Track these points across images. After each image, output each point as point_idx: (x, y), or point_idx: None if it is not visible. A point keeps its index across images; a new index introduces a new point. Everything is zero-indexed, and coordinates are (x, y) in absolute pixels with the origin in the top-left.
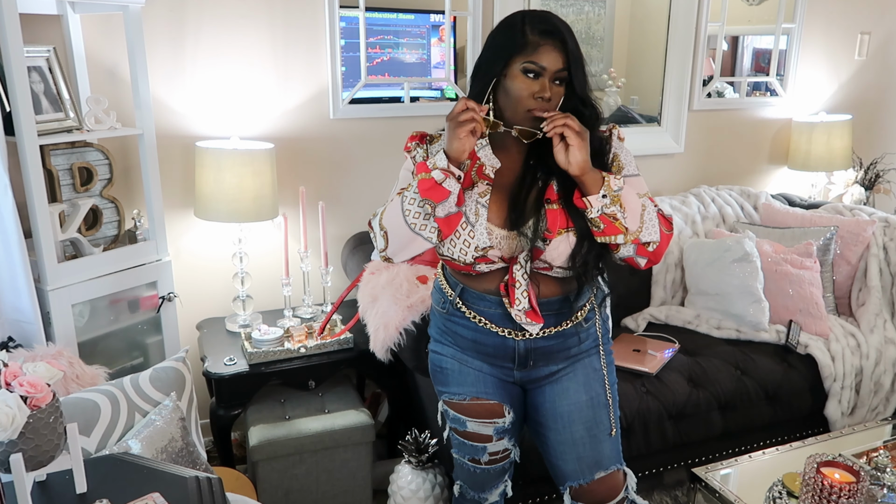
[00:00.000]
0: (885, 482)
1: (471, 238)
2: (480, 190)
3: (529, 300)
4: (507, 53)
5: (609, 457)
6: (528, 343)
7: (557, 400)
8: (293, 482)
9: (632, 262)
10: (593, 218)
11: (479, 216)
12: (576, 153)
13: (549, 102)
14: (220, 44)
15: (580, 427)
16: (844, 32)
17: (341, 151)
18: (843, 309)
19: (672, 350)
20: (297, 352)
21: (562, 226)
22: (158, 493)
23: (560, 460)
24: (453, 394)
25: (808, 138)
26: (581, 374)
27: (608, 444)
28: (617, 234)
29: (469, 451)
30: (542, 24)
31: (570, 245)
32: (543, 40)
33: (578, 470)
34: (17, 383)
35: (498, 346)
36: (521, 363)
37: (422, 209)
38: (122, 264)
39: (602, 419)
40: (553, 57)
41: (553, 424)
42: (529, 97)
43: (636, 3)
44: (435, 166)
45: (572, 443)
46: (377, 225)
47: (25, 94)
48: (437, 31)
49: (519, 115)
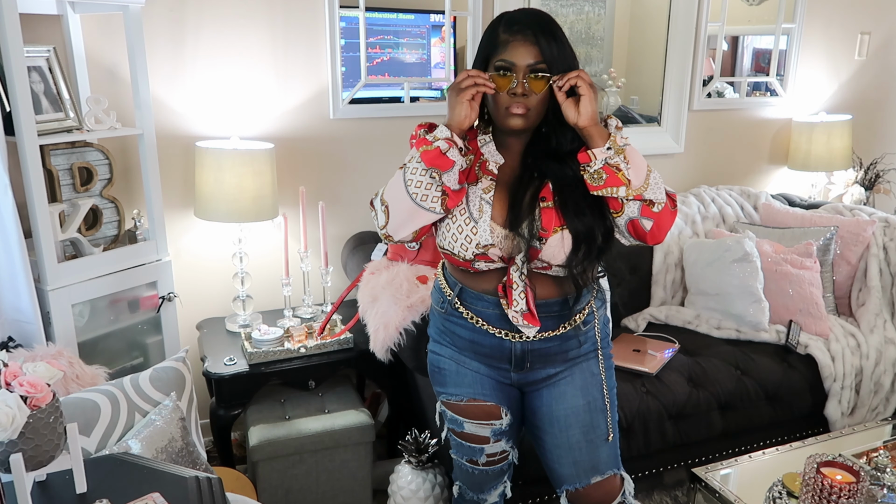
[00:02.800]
0: (885, 482)
1: (473, 234)
2: (484, 186)
3: (527, 302)
4: (484, 56)
5: (606, 462)
6: (524, 345)
7: (554, 404)
8: (293, 482)
9: (638, 229)
10: (595, 170)
11: (482, 213)
12: (587, 104)
13: (527, 98)
14: (220, 44)
15: (577, 431)
16: (844, 32)
17: (341, 151)
18: (843, 309)
19: (672, 350)
20: (297, 352)
21: (556, 224)
22: (158, 493)
23: (556, 464)
24: (451, 394)
25: (808, 138)
26: (579, 378)
27: (605, 449)
28: (619, 186)
29: (467, 452)
30: (514, 22)
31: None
32: (513, 37)
33: (575, 474)
34: (17, 383)
35: (495, 347)
36: (517, 365)
37: (423, 179)
38: (122, 264)
39: (599, 424)
40: (523, 51)
41: (549, 428)
42: (503, 95)
43: (636, 3)
44: (437, 137)
45: (568, 447)
46: (378, 201)
47: (25, 94)
48: (437, 31)
49: (501, 115)
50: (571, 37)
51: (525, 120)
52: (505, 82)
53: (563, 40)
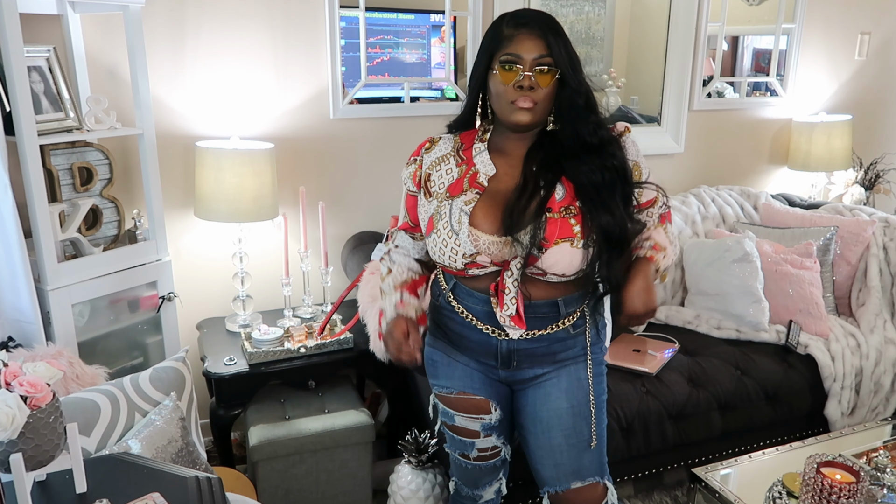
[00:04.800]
0: (885, 482)
1: (457, 246)
2: (467, 198)
3: (517, 307)
4: (488, 53)
5: (588, 468)
6: (510, 343)
7: (538, 404)
8: (293, 482)
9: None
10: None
11: (461, 224)
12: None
13: (534, 91)
14: (220, 44)
15: (558, 434)
16: (844, 32)
17: (341, 151)
18: (843, 309)
19: (672, 350)
20: (297, 352)
21: (560, 236)
22: (158, 493)
23: (539, 464)
24: (442, 386)
25: (808, 138)
26: (565, 381)
27: (588, 456)
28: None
29: (458, 445)
30: (520, 17)
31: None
32: (518, 31)
33: (555, 476)
34: (17, 383)
35: (482, 343)
36: (503, 363)
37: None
38: (122, 264)
39: (581, 429)
40: (529, 45)
41: (532, 428)
42: (510, 88)
43: (636, 3)
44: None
45: (550, 449)
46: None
47: (25, 94)
48: (437, 31)
49: (505, 109)
50: (571, 37)
51: (532, 114)
52: (511, 76)
53: (568, 40)
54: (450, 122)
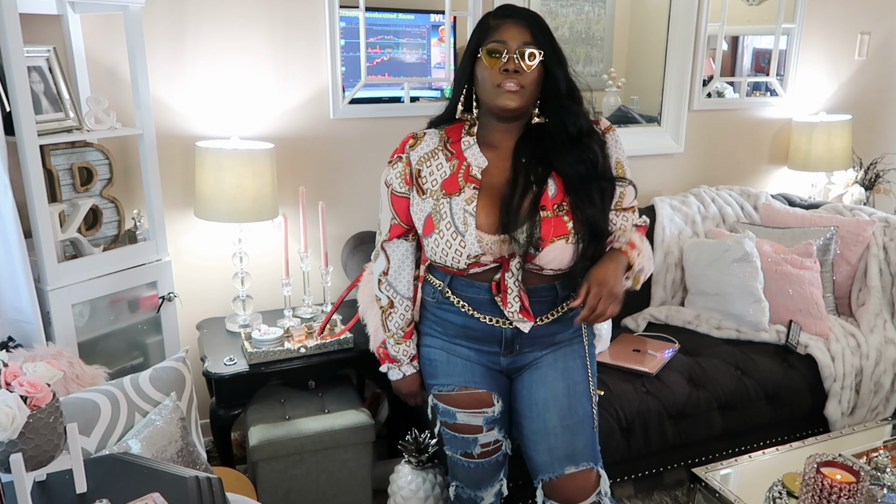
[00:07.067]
0: (885, 482)
1: (462, 247)
2: (467, 196)
3: (522, 303)
4: (475, 46)
5: (582, 453)
6: (514, 328)
7: (535, 386)
8: (293, 482)
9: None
10: None
11: (468, 225)
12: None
13: (520, 75)
14: (220, 44)
15: (554, 416)
16: (844, 32)
17: (341, 151)
18: (843, 309)
19: (672, 350)
20: (297, 352)
21: (555, 234)
22: (158, 493)
23: (533, 451)
24: (442, 385)
25: (808, 138)
26: (561, 362)
27: (582, 439)
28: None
29: (461, 444)
30: (504, 9)
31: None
32: (504, 21)
33: (549, 462)
34: (17, 383)
35: (486, 330)
36: (507, 347)
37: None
38: (122, 264)
39: (576, 408)
40: (514, 31)
41: (528, 412)
42: (496, 71)
43: (636, 3)
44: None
45: (545, 432)
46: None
47: (25, 94)
48: (437, 31)
49: (491, 94)
50: (571, 37)
51: (518, 98)
52: (496, 61)
53: (553, 36)
54: (432, 118)
